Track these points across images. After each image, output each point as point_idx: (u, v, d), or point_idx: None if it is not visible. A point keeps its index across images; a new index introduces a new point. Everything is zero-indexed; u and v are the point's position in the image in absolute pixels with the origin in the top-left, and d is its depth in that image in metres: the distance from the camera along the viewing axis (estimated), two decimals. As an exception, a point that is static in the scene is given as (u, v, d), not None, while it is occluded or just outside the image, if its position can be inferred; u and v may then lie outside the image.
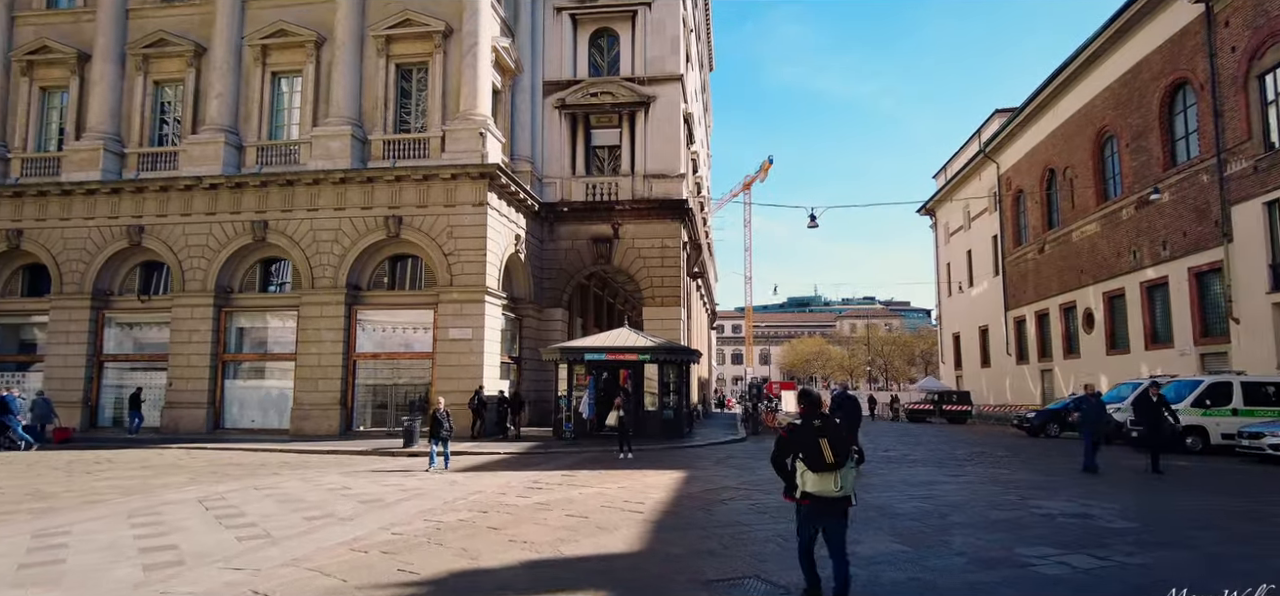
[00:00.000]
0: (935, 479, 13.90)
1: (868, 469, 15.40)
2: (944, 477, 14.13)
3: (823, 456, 5.48)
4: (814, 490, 5.57)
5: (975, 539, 8.47)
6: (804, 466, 5.61)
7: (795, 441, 5.71)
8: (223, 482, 13.42)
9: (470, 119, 23.83)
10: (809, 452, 5.56)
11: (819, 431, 5.57)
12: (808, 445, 5.57)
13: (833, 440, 5.52)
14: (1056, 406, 27.66)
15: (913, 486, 12.71)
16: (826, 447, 5.49)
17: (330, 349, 23.74)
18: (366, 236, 23.95)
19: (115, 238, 24.93)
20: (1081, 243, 33.23)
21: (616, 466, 15.90)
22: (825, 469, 5.49)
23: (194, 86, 25.77)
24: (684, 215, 28.48)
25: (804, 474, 5.63)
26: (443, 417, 16.05)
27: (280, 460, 17.86)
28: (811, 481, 5.58)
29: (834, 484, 5.52)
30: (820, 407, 5.86)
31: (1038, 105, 36.50)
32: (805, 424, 5.69)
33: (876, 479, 13.50)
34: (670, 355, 23.38)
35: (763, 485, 12.71)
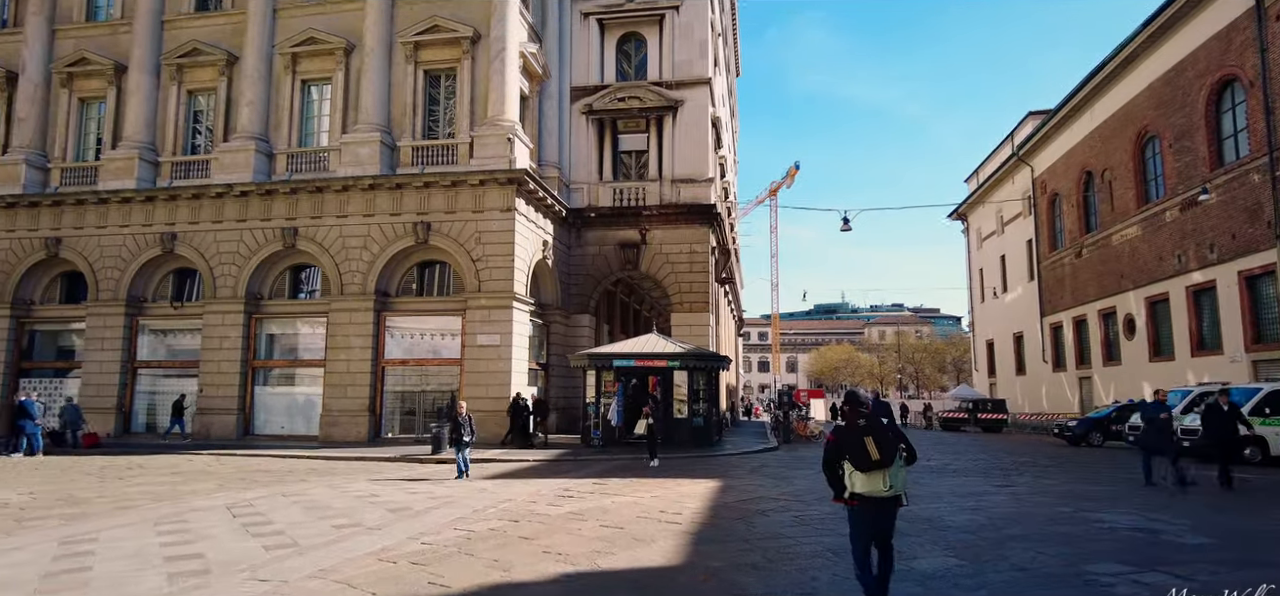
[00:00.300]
0: (982, 489, 13.28)
1: (910, 478, 14.82)
2: (991, 488, 13.50)
3: (868, 455, 5.41)
4: (863, 490, 5.49)
5: (1035, 553, 7.92)
6: (851, 467, 5.54)
7: (843, 443, 5.62)
8: (251, 489, 13.25)
9: (498, 124, 23.66)
10: (855, 452, 5.49)
11: (863, 430, 5.50)
12: (854, 445, 5.50)
13: (878, 438, 5.44)
14: (1099, 414, 26.70)
15: (960, 497, 12.12)
16: (872, 445, 5.41)
17: (359, 355, 23.65)
18: (395, 243, 23.86)
19: (149, 245, 25.13)
20: (1121, 246, 32.18)
21: (647, 474, 15.48)
22: (872, 467, 5.42)
23: (226, 95, 25.94)
24: (712, 220, 28.05)
25: (852, 474, 5.56)
26: (464, 423, 15.35)
27: (308, 467, 17.72)
28: (860, 482, 5.49)
29: (883, 482, 5.45)
30: (865, 408, 5.76)
31: (1074, 107, 35.53)
32: (851, 424, 5.62)
33: (922, 488, 12.92)
34: (700, 361, 22.93)
35: (802, 496, 12.22)
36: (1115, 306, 32.84)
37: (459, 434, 15.19)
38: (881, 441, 5.46)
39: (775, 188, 71.48)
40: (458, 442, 15.23)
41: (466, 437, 15.22)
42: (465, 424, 15.28)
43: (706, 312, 27.65)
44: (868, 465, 5.43)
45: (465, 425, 15.28)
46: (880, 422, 5.65)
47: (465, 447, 15.24)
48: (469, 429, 15.39)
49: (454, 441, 15.38)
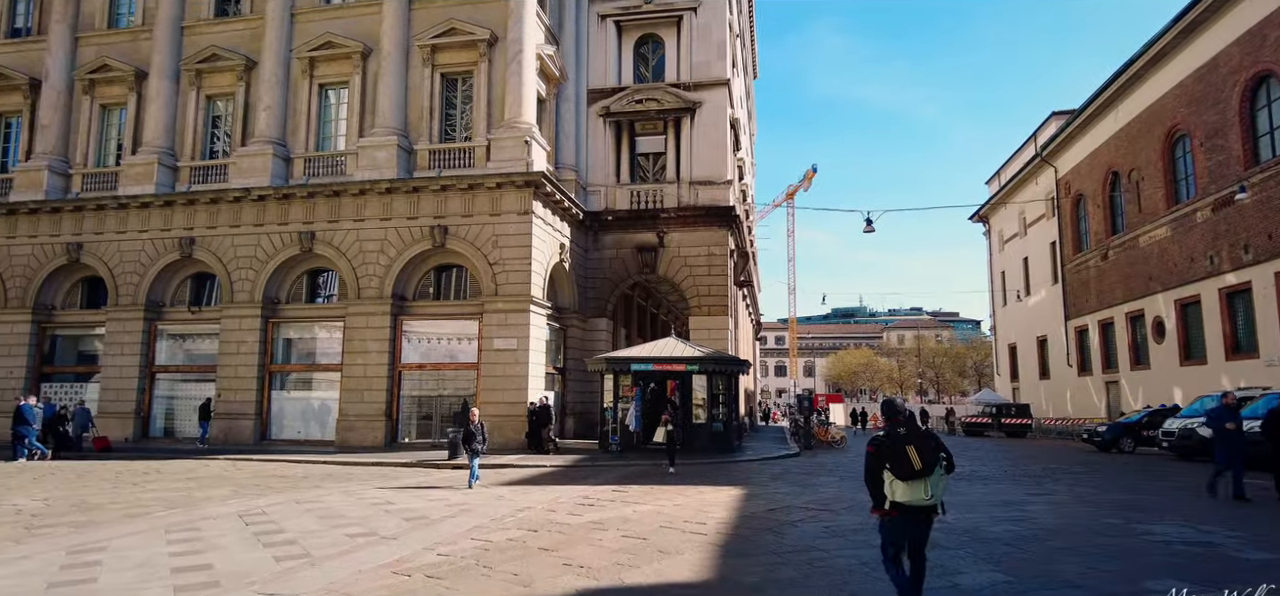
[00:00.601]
0: (1019, 497, 12.72)
1: (938, 486, 14.31)
2: (1028, 496, 12.93)
3: (910, 463, 5.35)
4: (904, 499, 5.43)
5: (1086, 568, 7.41)
6: (892, 476, 5.46)
7: (884, 452, 5.54)
8: (265, 496, 12.96)
9: (515, 127, 23.38)
10: (897, 460, 5.42)
11: (904, 439, 5.46)
12: (895, 453, 5.44)
13: (919, 446, 5.41)
14: (1130, 419, 25.90)
15: (996, 506, 11.58)
16: (914, 454, 5.37)
17: (376, 360, 23.41)
18: (412, 246, 23.62)
19: (168, 250, 25.09)
20: (1150, 248, 31.35)
21: (668, 481, 15.04)
22: (914, 476, 5.37)
23: (244, 100, 25.87)
24: (731, 222, 27.59)
25: (892, 483, 5.48)
26: (477, 429, 14.72)
27: (324, 472, 17.45)
28: (901, 491, 5.43)
29: (924, 491, 5.40)
30: (904, 416, 5.74)
31: (1099, 106, 34.76)
32: (890, 433, 5.58)
33: (955, 497, 12.38)
34: (719, 365, 22.47)
35: (830, 504, 11.74)
36: (1143, 309, 32.00)
37: (471, 441, 14.64)
38: (923, 449, 5.40)
39: (792, 191, 70.86)
40: (470, 450, 14.64)
41: (478, 445, 14.62)
42: (478, 431, 14.72)
43: (725, 316, 27.19)
44: (910, 473, 5.36)
45: (478, 432, 14.70)
46: (920, 430, 5.61)
47: (476, 456, 14.61)
48: (481, 436, 14.79)
49: (466, 448, 14.83)
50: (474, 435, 14.61)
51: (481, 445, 14.75)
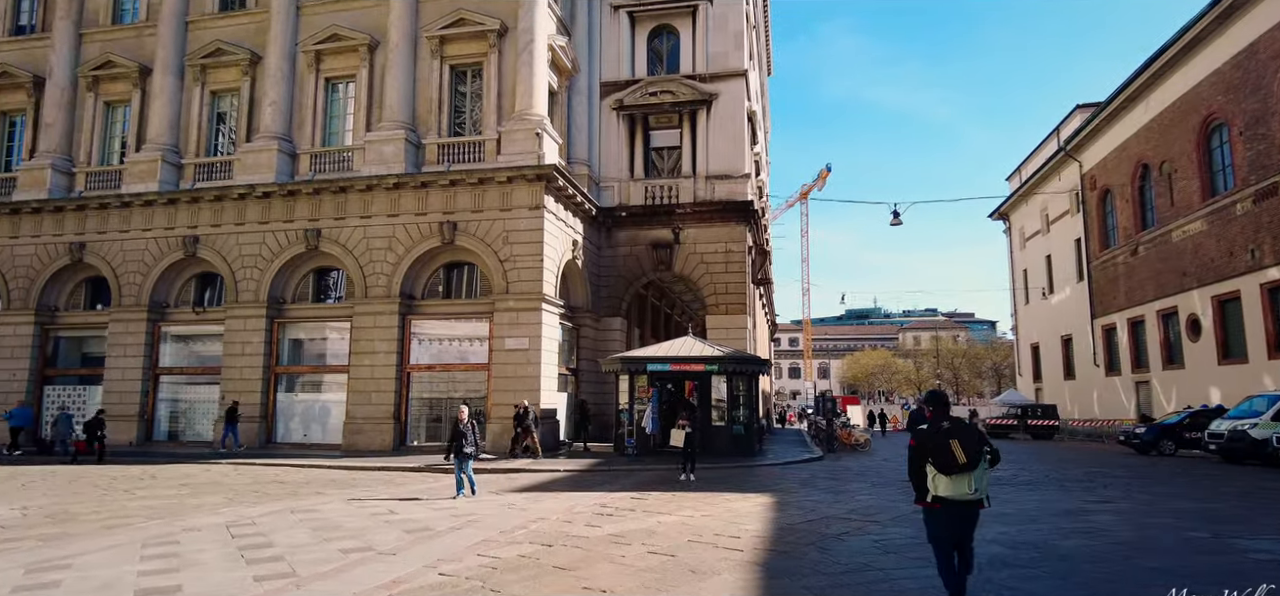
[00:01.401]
0: (1076, 504, 11.52)
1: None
2: (1088, 503, 11.72)
3: (955, 458, 5.25)
4: (947, 493, 5.32)
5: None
6: (935, 470, 5.36)
7: (927, 446, 5.44)
8: (260, 504, 11.97)
9: (526, 119, 22.40)
10: (940, 455, 5.32)
11: (949, 433, 5.35)
12: (939, 447, 5.33)
13: (964, 441, 5.29)
14: (1171, 420, 24.52)
15: (1058, 515, 10.40)
16: (958, 448, 5.26)
17: (383, 360, 22.46)
18: (421, 243, 22.67)
19: (171, 249, 24.26)
20: (1183, 242, 29.93)
21: (690, 488, 13.93)
22: (958, 470, 5.26)
23: (249, 95, 25.05)
24: (749, 217, 26.47)
25: (935, 477, 5.38)
26: (465, 431, 12.80)
27: (328, 477, 16.48)
28: (944, 485, 5.32)
29: (968, 486, 5.29)
30: (949, 409, 5.62)
31: (1128, 97, 33.35)
32: (934, 426, 5.46)
33: (1007, 505, 11.22)
34: (740, 365, 21.35)
35: (873, 514, 10.60)
36: (1177, 306, 30.57)
37: (459, 444, 12.76)
38: (967, 443, 5.29)
39: (806, 190, 69.47)
40: (458, 454, 12.80)
41: (468, 449, 12.84)
42: (467, 433, 12.89)
43: (744, 315, 26.06)
44: (954, 468, 5.25)
45: (467, 434, 12.87)
46: (965, 424, 5.47)
47: (468, 461, 12.86)
48: (472, 439, 13.03)
49: (454, 453, 12.92)
50: (463, 438, 12.79)
51: (473, 450, 12.98)
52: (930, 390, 6.21)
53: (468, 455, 12.84)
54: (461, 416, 13.10)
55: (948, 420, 5.49)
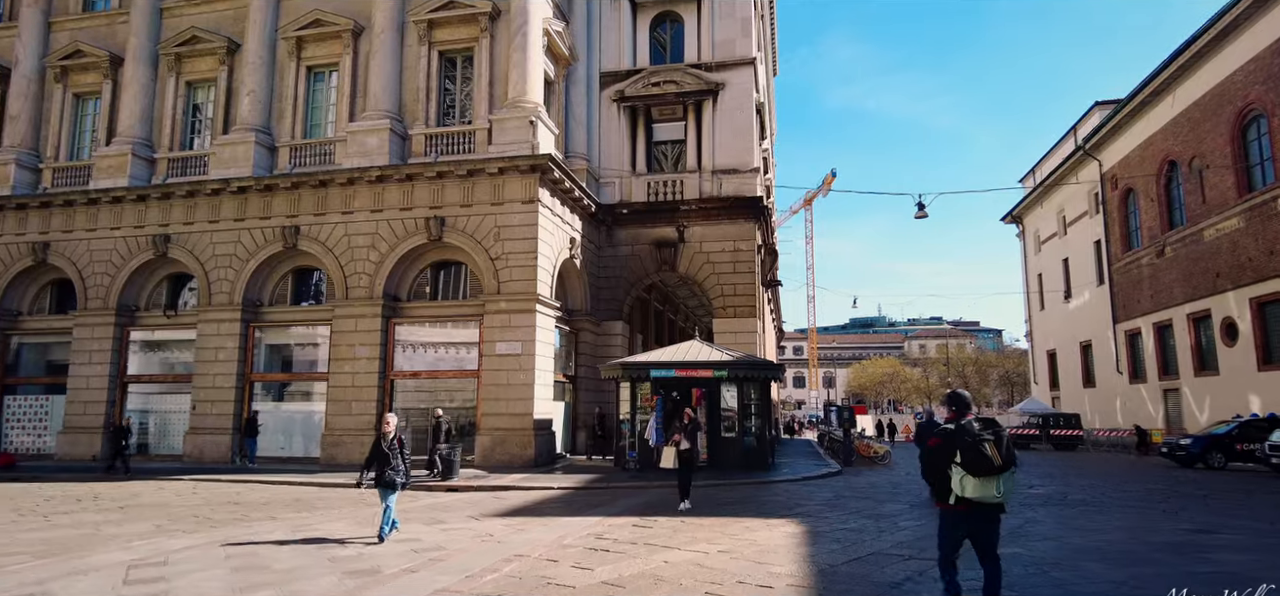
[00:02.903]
0: (1181, 536, 9.39)
1: (1037, 513, 11.01)
2: (1190, 533, 9.58)
3: (990, 460, 5.05)
4: (974, 495, 5.13)
5: None
6: (964, 471, 5.12)
7: (954, 446, 5.19)
8: (192, 535, 9.92)
9: (519, 106, 20.46)
10: (972, 456, 5.09)
11: (981, 435, 5.12)
12: (971, 449, 5.10)
13: (999, 443, 5.10)
14: (1220, 431, 22.35)
15: (1161, 549, 8.27)
16: (994, 451, 5.07)
17: (365, 367, 20.45)
18: (406, 240, 20.69)
19: (141, 248, 22.31)
20: (1217, 241, 27.84)
21: (702, 511, 11.82)
22: (990, 473, 5.08)
23: (226, 85, 23.16)
24: (759, 214, 24.45)
25: (963, 479, 5.14)
26: (392, 451, 9.14)
27: (292, 497, 14.43)
28: (972, 486, 5.11)
29: (996, 489, 5.12)
30: (971, 410, 5.37)
31: (1152, 91, 31.33)
32: (961, 428, 5.21)
33: (1089, 535, 9.12)
34: (751, 371, 19.27)
35: (927, 546, 8.50)
36: (1210, 309, 28.44)
37: (383, 467, 9.12)
38: (1002, 447, 5.11)
39: (811, 196, 67.49)
40: (381, 482, 9.14)
41: (394, 475, 9.09)
42: (394, 452, 9.16)
43: (753, 318, 24.00)
44: (987, 470, 5.08)
45: (394, 454, 9.15)
46: (999, 426, 5.26)
47: (393, 491, 9.16)
48: (399, 459, 9.19)
49: (376, 480, 9.21)
50: (386, 459, 9.11)
51: (400, 475, 9.19)
52: (951, 391, 5.71)
53: (394, 482, 9.14)
54: (387, 429, 9.29)
55: (979, 422, 5.23)
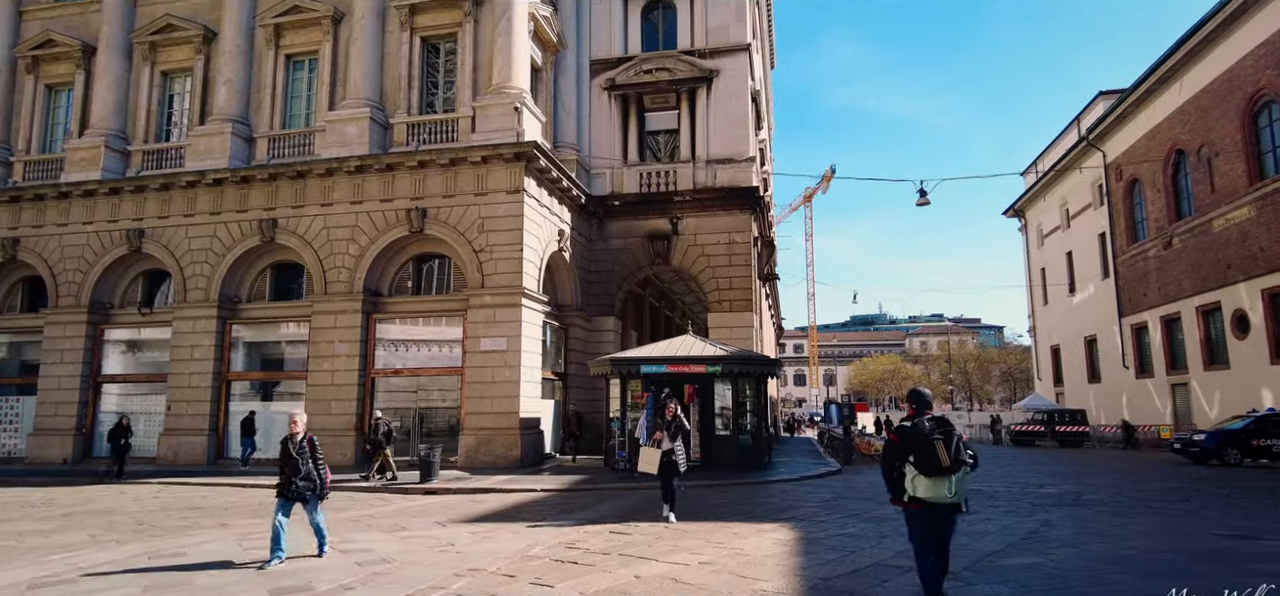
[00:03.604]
0: (1215, 543, 8.38)
1: (1051, 515, 10.01)
2: (1226, 539, 8.58)
3: (939, 460, 4.93)
4: (926, 495, 5.00)
5: None
6: (915, 470, 5.02)
7: (907, 445, 5.09)
8: (124, 547, 8.96)
9: (504, 92, 19.51)
10: (923, 456, 4.98)
11: (932, 434, 5.00)
12: (922, 448, 4.98)
13: (949, 442, 4.96)
14: (1235, 426, 21.33)
15: (1201, 558, 7.29)
16: (942, 450, 4.94)
17: (345, 365, 19.51)
18: (386, 233, 19.75)
19: (114, 244, 21.40)
20: (1227, 231, 26.81)
21: (686, 516, 10.86)
22: (940, 473, 4.95)
23: (203, 75, 22.23)
24: (755, 204, 23.47)
25: (915, 478, 5.03)
26: (302, 456, 7.61)
27: (258, 502, 13.49)
28: (924, 486, 4.99)
29: (948, 489, 4.97)
30: (931, 408, 5.27)
31: (1159, 78, 30.30)
32: (917, 426, 5.09)
33: (1123, 541, 8.13)
34: (746, 367, 18.29)
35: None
36: (1220, 301, 27.41)
37: (290, 476, 7.57)
38: (951, 446, 4.96)
39: (811, 193, 66.45)
40: (288, 492, 7.59)
41: (301, 486, 7.56)
42: (304, 457, 7.64)
43: (749, 312, 23.02)
44: (936, 469, 4.95)
45: (304, 459, 7.63)
46: (950, 425, 5.09)
47: (315, 505, 7.70)
48: (311, 465, 7.64)
49: (280, 490, 7.66)
50: (298, 465, 7.59)
51: (311, 486, 7.60)
52: (913, 388, 5.59)
53: (302, 494, 7.53)
54: (294, 428, 7.74)
55: (930, 419, 5.11)
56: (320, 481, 7.79)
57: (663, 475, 10.33)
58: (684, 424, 10.63)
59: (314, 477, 7.72)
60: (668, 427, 10.46)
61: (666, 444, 10.34)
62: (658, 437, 10.48)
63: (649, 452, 10.50)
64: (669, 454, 10.29)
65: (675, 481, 10.36)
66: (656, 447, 10.41)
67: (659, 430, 10.58)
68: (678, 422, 10.48)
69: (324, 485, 7.86)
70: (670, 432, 10.40)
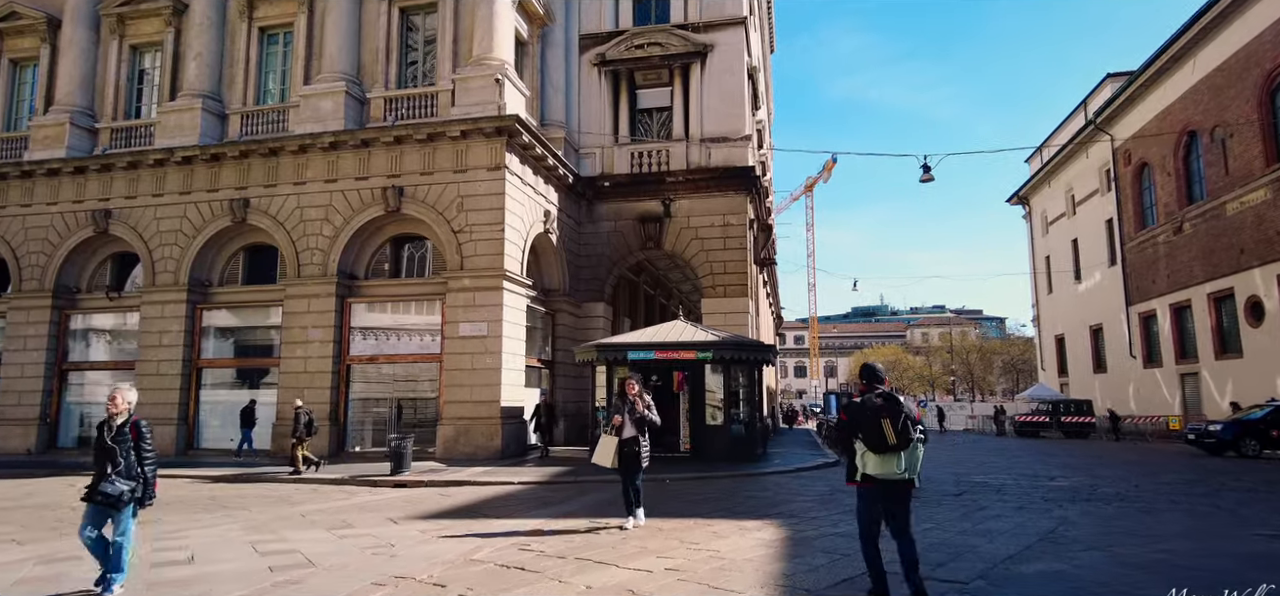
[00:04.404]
0: (1262, 544, 7.31)
1: (1068, 512, 8.90)
2: (1275, 538, 7.50)
3: (885, 437, 4.82)
4: (876, 472, 4.90)
5: None
6: (865, 447, 4.93)
7: (855, 423, 4.99)
8: (37, 544, 7.91)
9: (485, 64, 18.37)
10: (870, 433, 4.87)
11: (880, 411, 4.87)
12: (869, 425, 4.88)
13: (895, 420, 4.82)
14: (1253, 416, 20.18)
15: (1238, 561, 6.16)
16: (888, 428, 4.81)
17: (318, 351, 18.45)
18: (361, 212, 18.66)
19: (80, 225, 20.34)
20: (1242, 215, 25.60)
21: (664, 510, 9.78)
22: (888, 450, 4.83)
23: (173, 50, 21.12)
24: (751, 185, 22.32)
25: (865, 455, 4.95)
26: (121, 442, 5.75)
27: (210, 496, 12.46)
28: (873, 463, 4.90)
29: (897, 465, 4.85)
30: (883, 384, 5.06)
31: (1171, 57, 29.03)
32: (865, 402, 4.97)
33: (1127, 544, 7.02)
34: (739, 353, 17.19)
35: (944, 561, 6.43)
36: (1233, 287, 26.24)
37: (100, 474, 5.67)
38: (897, 423, 4.82)
39: (811, 183, 65.17)
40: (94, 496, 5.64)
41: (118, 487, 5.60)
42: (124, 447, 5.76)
43: (744, 297, 21.90)
44: (883, 447, 4.84)
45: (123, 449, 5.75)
46: (898, 401, 4.98)
47: (121, 512, 5.67)
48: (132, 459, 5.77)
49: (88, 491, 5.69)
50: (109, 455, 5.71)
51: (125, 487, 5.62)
52: (865, 364, 5.31)
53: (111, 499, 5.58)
54: (113, 408, 5.86)
55: (879, 396, 4.95)
56: (145, 481, 5.80)
57: (623, 470, 8.42)
58: (648, 411, 8.46)
59: (137, 475, 5.73)
60: (629, 410, 8.39)
61: (629, 430, 8.35)
62: (617, 422, 8.43)
63: (606, 442, 8.46)
64: (631, 444, 8.30)
65: (639, 479, 8.49)
66: (615, 435, 8.37)
67: (618, 412, 8.52)
68: (640, 407, 8.43)
69: (149, 486, 5.85)
70: (634, 418, 8.37)
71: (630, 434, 8.38)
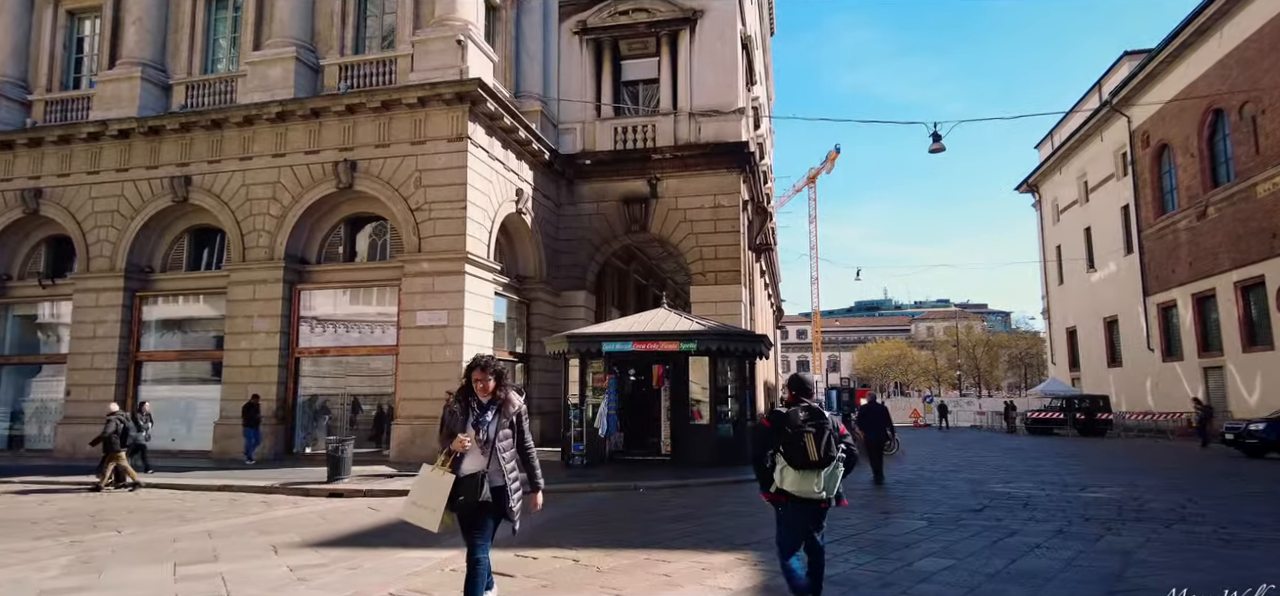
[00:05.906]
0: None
1: (1125, 538, 6.84)
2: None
3: (807, 453, 4.39)
4: (793, 489, 4.46)
5: None
6: (784, 462, 4.50)
7: (777, 434, 4.52)
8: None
9: (447, 23, 16.34)
10: (792, 447, 4.44)
11: (804, 425, 4.45)
12: (792, 439, 4.44)
13: (819, 437, 4.40)
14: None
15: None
16: (811, 444, 4.39)
17: (264, 343, 16.51)
18: (311, 190, 16.68)
19: (9, 206, 18.42)
20: (1274, 197, 23.43)
21: (615, 536, 7.75)
22: (808, 467, 4.41)
23: (113, 16, 19.18)
24: (744, 162, 20.26)
25: (783, 470, 4.50)
26: None
27: (128, 509, 10.52)
28: (791, 479, 4.46)
29: (816, 485, 4.43)
30: (811, 397, 4.68)
31: (1195, 30, 26.80)
32: (790, 414, 4.51)
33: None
34: (727, 344, 15.15)
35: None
36: (1263, 275, 24.07)
37: None
38: (821, 439, 4.39)
39: (814, 174, 62.93)
40: None
41: None
42: None
43: (737, 285, 19.86)
44: (804, 463, 4.41)
45: None
46: (823, 416, 4.51)
47: None
48: None
49: None
50: None
51: None
52: (792, 374, 4.80)
53: None
54: None
55: (805, 409, 4.50)
56: None
57: (465, 525, 4.31)
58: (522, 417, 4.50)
59: None
60: (478, 419, 4.27)
61: (475, 458, 4.23)
62: (461, 442, 4.16)
63: (430, 480, 4.24)
64: (475, 486, 4.18)
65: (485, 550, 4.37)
66: (446, 463, 4.20)
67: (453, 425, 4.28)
68: (504, 408, 4.38)
69: None
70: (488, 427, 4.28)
71: (476, 466, 4.21)
